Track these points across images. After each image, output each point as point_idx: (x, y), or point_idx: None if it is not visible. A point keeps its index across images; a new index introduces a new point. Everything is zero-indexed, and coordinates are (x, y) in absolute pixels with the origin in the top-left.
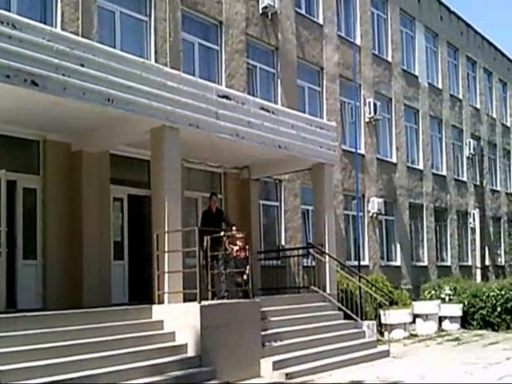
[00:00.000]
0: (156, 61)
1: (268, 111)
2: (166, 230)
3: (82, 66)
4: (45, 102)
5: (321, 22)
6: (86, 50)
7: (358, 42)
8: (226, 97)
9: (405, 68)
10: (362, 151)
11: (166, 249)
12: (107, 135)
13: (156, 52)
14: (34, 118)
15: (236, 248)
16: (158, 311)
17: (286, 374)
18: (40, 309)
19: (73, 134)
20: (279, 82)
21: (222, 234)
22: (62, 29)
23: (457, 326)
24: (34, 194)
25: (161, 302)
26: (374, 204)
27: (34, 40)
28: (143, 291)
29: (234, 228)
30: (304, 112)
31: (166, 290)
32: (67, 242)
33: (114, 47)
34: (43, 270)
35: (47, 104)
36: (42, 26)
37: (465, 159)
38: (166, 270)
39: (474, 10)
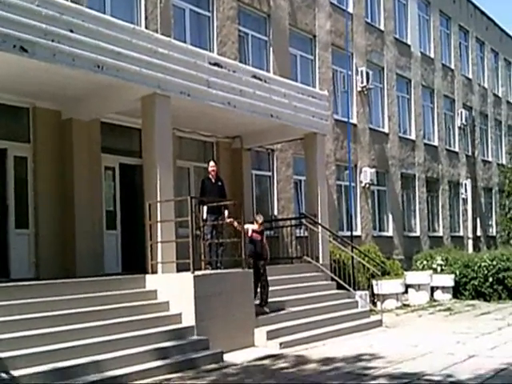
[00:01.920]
0: (146, 27)
1: (260, 79)
2: (159, 199)
3: (72, 31)
4: (34, 68)
5: None
6: (75, 15)
7: (350, 9)
8: (218, 64)
9: (397, 37)
10: (355, 121)
11: (159, 218)
12: (98, 103)
13: (146, 18)
14: (23, 85)
15: (253, 227)
16: (151, 281)
17: (280, 344)
18: (33, 278)
19: (63, 101)
20: (271, 49)
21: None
22: None
23: (449, 296)
24: (25, 163)
25: (154, 271)
26: (367, 174)
27: (23, 5)
28: (136, 261)
29: (226, 212)
30: (296, 81)
31: (160, 259)
32: (59, 211)
33: (104, 13)
34: (35, 239)
35: (36, 71)
36: None
37: (456, 129)
38: (159, 239)
39: None
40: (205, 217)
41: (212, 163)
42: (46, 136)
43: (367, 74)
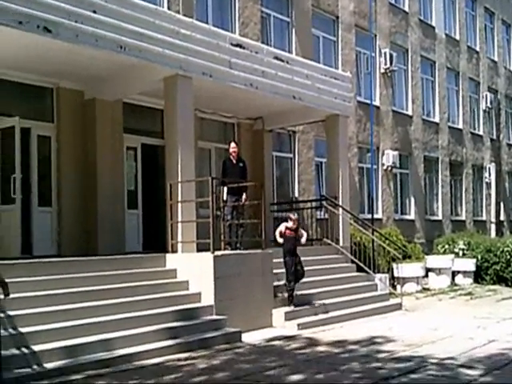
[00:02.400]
0: (169, 8)
1: (282, 61)
2: (180, 179)
3: (95, 12)
4: (57, 48)
5: None
6: None
7: None
8: (240, 45)
9: (422, 18)
10: (377, 103)
11: (180, 199)
12: (120, 83)
13: None
14: (46, 66)
15: (287, 225)
16: (171, 260)
17: (298, 325)
18: (55, 255)
19: (86, 81)
20: (293, 31)
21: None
22: None
23: (470, 280)
24: (49, 142)
25: (174, 251)
26: (389, 157)
27: None
28: (157, 240)
29: (243, 196)
30: (319, 62)
31: (180, 239)
32: (81, 190)
33: None
34: (58, 217)
35: (60, 51)
36: None
37: (481, 112)
38: (180, 219)
39: None
40: (225, 198)
41: (233, 144)
42: (69, 116)
43: (391, 55)
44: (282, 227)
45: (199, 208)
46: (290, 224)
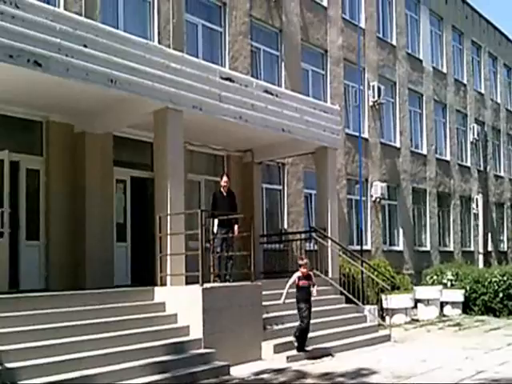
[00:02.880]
0: (159, 42)
1: (272, 94)
2: (169, 212)
3: (85, 46)
4: (48, 82)
5: (325, 4)
6: (89, 30)
7: (362, 25)
8: (230, 79)
9: (409, 52)
10: (366, 135)
11: (169, 231)
12: (110, 117)
13: (159, 33)
14: (36, 99)
15: (298, 274)
16: (160, 293)
17: (287, 357)
18: (43, 289)
19: (76, 115)
20: (283, 64)
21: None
22: (65, 9)
23: (458, 311)
24: (37, 175)
25: (163, 284)
26: (377, 188)
27: (37, 20)
28: (146, 273)
29: (235, 228)
30: (308, 95)
31: (169, 272)
32: (70, 223)
33: (117, 28)
34: (46, 250)
35: (50, 85)
36: (45, 5)
37: (469, 144)
38: (169, 252)
39: None
40: (215, 230)
41: (225, 178)
42: (59, 149)
43: (379, 88)
44: (294, 278)
45: (188, 240)
46: (300, 273)
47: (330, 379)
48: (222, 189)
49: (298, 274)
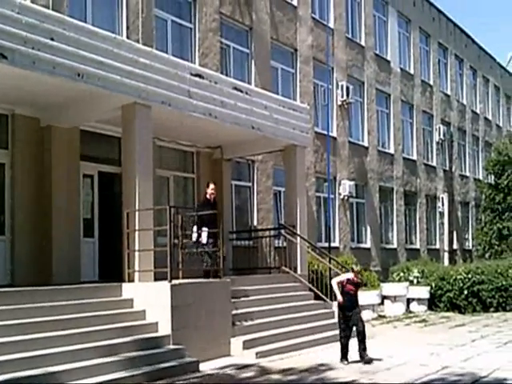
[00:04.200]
0: (128, 37)
1: (241, 91)
2: (137, 208)
3: (52, 39)
4: (13, 75)
5: (295, 3)
6: (56, 23)
7: (331, 24)
8: (199, 75)
9: (377, 52)
10: (334, 134)
11: (137, 227)
12: (77, 111)
13: (128, 28)
14: (2, 92)
15: (347, 277)
16: (128, 289)
17: (256, 353)
18: (8, 285)
19: (42, 108)
20: (253, 62)
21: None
22: (32, 2)
23: (424, 308)
24: (3, 169)
25: (131, 280)
26: (346, 187)
27: (3, 12)
28: (113, 269)
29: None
30: (277, 93)
31: (137, 268)
32: (36, 218)
33: (85, 22)
34: (11, 245)
35: (16, 78)
36: None
37: (434, 144)
38: (137, 248)
39: None
40: (204, 240)
41: (212, 185)
42: (25, 143)
43: (347, 88)
44: (344, 278)
45: (158, 236)
46: (351, 275)
47: (292, 374)
48: (208, 196)
49: (350, 275)
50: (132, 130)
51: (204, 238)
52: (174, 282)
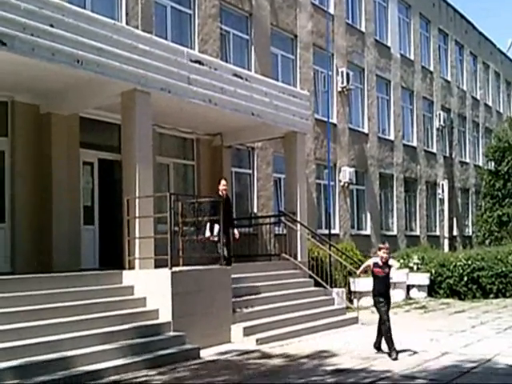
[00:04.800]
0: (127, 23)
1: (241, 78)
2: (137, 195)
3: (52, 26)
4: (13, 62)
5: None
6: (56, 10)
7: (331, 10)
8: (199, 62)
9: (377, 38)
10: (335, 121)
11: (137, 214)
12: (77, 98)
13: (127, 14)
14: (1, 79)
15: (374, 260)
16: (128, 277)
17: (257, 340)
18: (8, 272)
19: (42, 95)
20: (253, 48)
21: None
22: None
23: (424, 294)
24: (2, 157)
25: (131, 267)
26: (346, 173)
27: None
28: (114, 257)
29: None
30: (277, 80)
31: (137, 255)
32: (36, 205)
33: (85, 8)
34: (12, 233)
35: (15, 64)
36: None
37: (435, 131)
38: (137, 235)
39: None
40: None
41: (224, 181)
42: (24, 130)
43: (347, 74)
44: (369, 262)
45: (158, 224)
46: (379, 258)
47: (292, 360)
48: (220, 192)
49: (376, 259)
50: (132, 117)
51: (215, 233)
52: (175, 269)
